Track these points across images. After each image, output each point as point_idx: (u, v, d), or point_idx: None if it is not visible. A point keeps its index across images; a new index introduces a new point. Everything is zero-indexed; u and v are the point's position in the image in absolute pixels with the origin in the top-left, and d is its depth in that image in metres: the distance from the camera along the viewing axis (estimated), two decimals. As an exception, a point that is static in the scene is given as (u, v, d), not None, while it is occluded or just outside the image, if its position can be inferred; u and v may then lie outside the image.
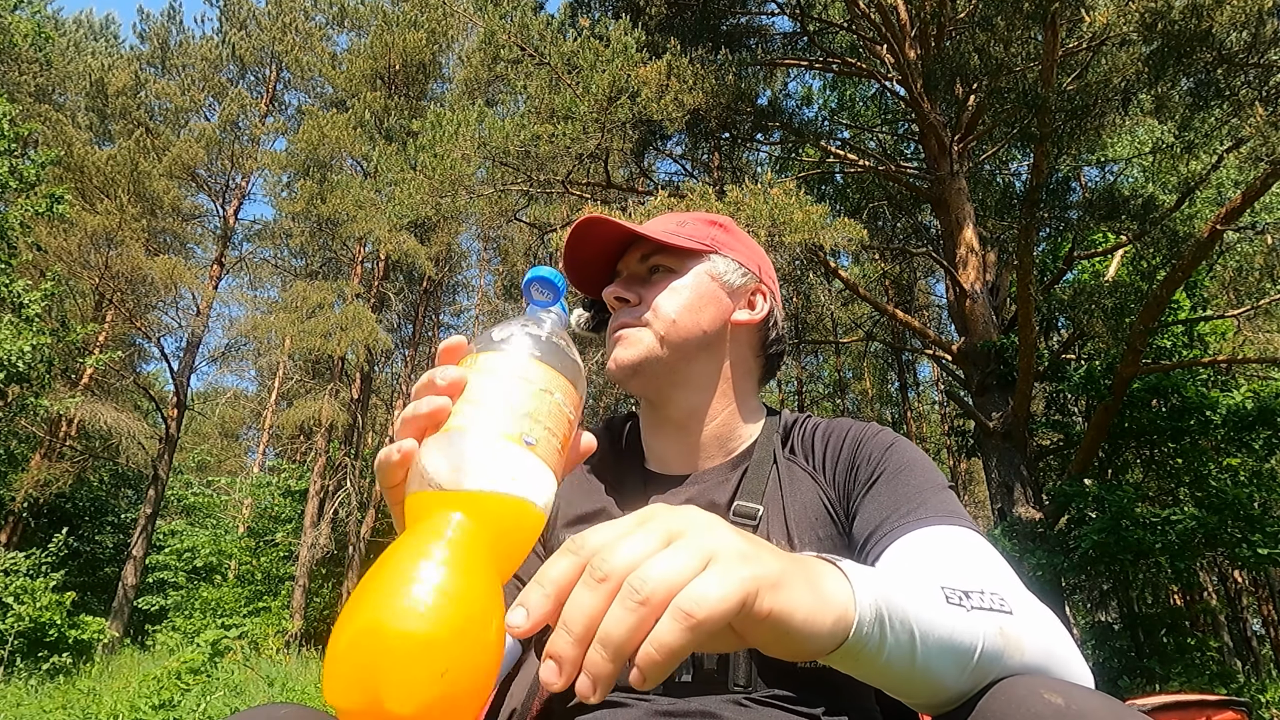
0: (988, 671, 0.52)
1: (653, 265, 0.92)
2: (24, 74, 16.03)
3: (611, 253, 0.95)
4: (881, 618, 0.47)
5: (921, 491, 0.76)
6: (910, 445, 0.85)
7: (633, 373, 0.88)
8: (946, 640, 0.50)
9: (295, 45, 18.20)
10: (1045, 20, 6.61)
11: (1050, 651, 0.56)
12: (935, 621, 0.50)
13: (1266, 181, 6.27)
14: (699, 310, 0.89)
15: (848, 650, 0.46)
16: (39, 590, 9.78)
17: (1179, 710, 0.79)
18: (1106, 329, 8.29)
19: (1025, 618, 0.56)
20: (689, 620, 0.36)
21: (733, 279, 0.93)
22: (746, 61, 8.80)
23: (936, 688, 0.51)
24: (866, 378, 22.62)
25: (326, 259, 19.52)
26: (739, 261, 0.94)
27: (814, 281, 14.98)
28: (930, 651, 0.49)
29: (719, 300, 0.91)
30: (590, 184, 8.36)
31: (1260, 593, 15.73)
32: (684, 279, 0.91)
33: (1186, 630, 9.38)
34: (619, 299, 0.91)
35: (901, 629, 0.48)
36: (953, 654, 0.50)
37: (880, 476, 0.80)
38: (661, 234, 0.91)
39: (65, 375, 15.40)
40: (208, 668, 6.47)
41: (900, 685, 0.51)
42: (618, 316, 0.92)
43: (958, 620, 0.51)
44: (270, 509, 19.88)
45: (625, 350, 0.88)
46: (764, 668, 0.76)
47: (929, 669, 0.50)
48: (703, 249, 0.92)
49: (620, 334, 0.90)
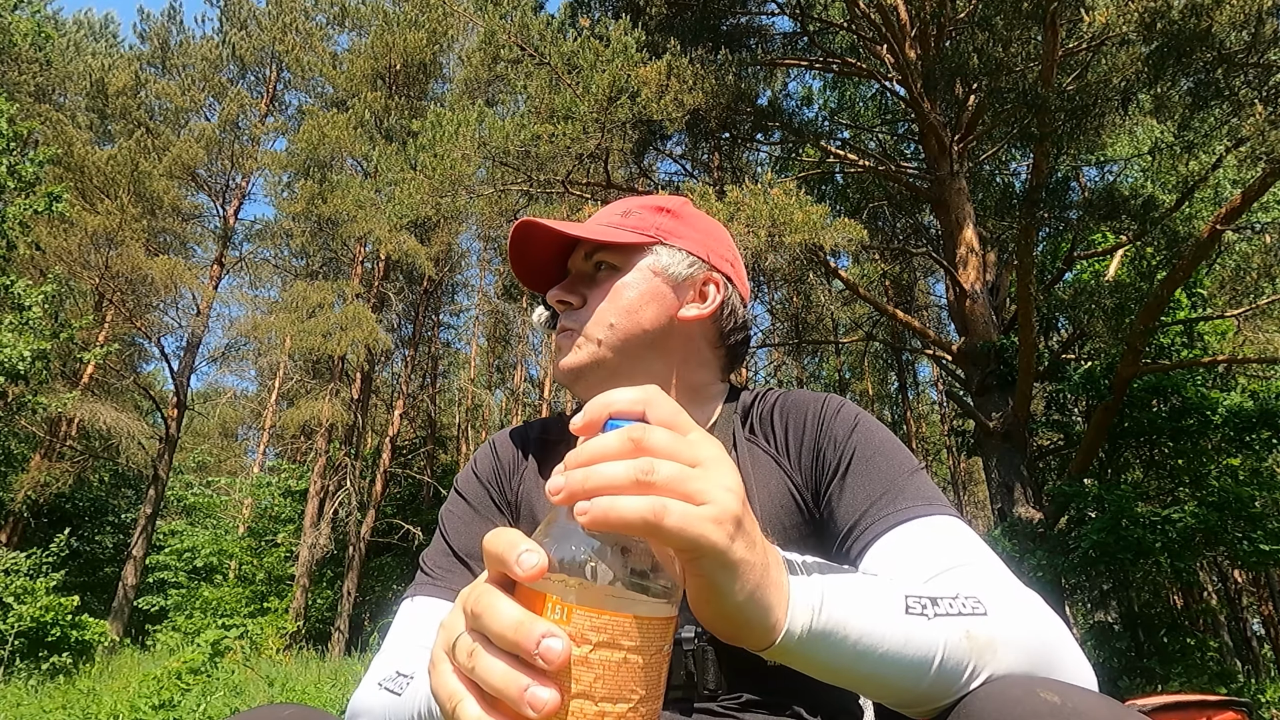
0: (955, 677, 0.52)
1: (598, 262, 0.89)
2: (24, 74, 16.02)
3: (561, 251, 0.92)
4: (816, 631, 0.49)
5: (896, 480, 0.75)
6: (874, 423, 0.83)
7: (575, 378, 0.87)
8: (898, 650, 0.51)
9: (295, 45, 18.19)
10: (1045, 20, 6.61)
11: (1039, 649, 0.56)
12: (885, 634, 0.51)
13: (1265, 181, 6.27)
14: (638, 310, 0.86)
15: (777, 651, 0.48)
16: (39, 590, 9.78)
17: (1179, 710, 0.79)
18: (1106, 329, 8.30)
19: (1003, 618, 0.56)
20: (652, 514, 0.40)
21: (678, 270, 0.88)
22: (746, 61, 8.81)
23: (895, 691, 0.53)
24: (866, 378, 22.63)
25: (326, 259, 19.52)
26: (687, 250, 0.89)
27: (814, 281, 14.98)
28: (876, 661, 0.51)
29: (662, 296, 0.87)
30: (590, 184, 8.36)
31: (1260, 593, 15.74)
32: (626, 277, 0.87)
33: (1186, 630, 9.38)
34: (560, 302, 0.89)
35: (841, 642, 0.50)
36: (904, 663, 0.51)
37: (851, 464, 0.78)
38: (597, 231, 0.87)
39: (65, 374, 15.41)
40: (208, 668, 6.47)
41: (852, 687, 0.53)
42: (561, 319, 0.90)
43: (915, 629, 0.52)
44: (270, 509, 19.89)
45: (566, 357, 0.87)
46: (733, 673, 0.76)
47: (879, 676, 0.51)
48: (645, 240, 0.88)
49: (560, 339, 0.88)
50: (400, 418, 18.06)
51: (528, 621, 0.38)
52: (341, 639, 14.88)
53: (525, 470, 0.92)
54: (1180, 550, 6.97)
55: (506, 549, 0.40)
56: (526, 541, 0.40)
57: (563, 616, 0.39)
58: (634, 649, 0.40)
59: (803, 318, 18.05)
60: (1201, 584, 13.36)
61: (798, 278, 13.87)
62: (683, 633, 0.75)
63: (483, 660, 0.39)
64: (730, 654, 0.76)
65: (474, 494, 0.91)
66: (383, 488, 17.28)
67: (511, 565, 0.39)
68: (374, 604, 18.18)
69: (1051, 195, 9.46)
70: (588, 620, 0.39)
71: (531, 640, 0.37)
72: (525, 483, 0.91)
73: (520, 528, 0.88)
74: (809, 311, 17.95)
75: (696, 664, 0.75)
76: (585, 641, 0.39)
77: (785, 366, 21.55)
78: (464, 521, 0.89)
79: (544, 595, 0.39)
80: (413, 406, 19.78)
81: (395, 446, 17.86)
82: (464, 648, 0.40)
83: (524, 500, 0.90)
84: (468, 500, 0.91)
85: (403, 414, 18.22)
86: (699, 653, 0.75)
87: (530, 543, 0.40)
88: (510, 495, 0.91)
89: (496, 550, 0.40)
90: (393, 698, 0.69)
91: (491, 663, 0.39)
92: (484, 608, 0.40)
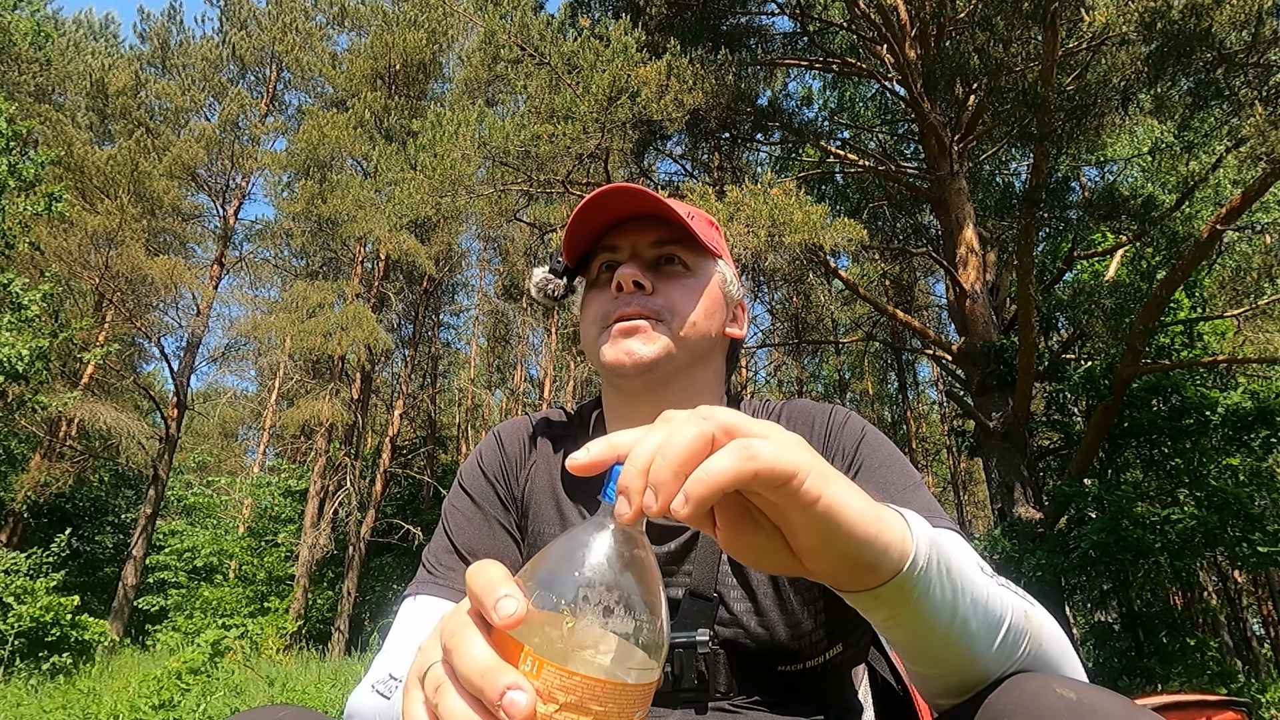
0: (1012, 650, 0.53)
1: (668, 254, 0.87)
2: (24, 73, 16.02)
3: (606, 225, 0.88)
4: (933, 559, 0.47)
5: (902, 492, 0.76)
6: (879, 435, 0.84)
7: (648, 369, 0.82)
8: (983, 601, 0.50)
9: (295, 45, 18.19)
10: (1045, 20, 6.61)
11: (1062, 651, 0.58)
12: (974, 580, 0.50)
13: (1266, 181, 6.27)
14: (712, 316, 0.87)
15: (901, 583, 0.45)
16: (39, 590, 9.78)
17: (1179, 710, 0.79)
18: (1106, 329, 8.30)
19: (1043, 612, 0.58)
20: (743, 453, 0.39)
21: (733, 290, 0.92)
22: (746, 61, 8.81)
23: (968, 654, 0.52)
24: (866, 378, 22.62)
25: (327, 259, 19.53)
26: (734, 273, 0.94)
27: (814, 281, 14.98)
28: (968, 610, 0.49)
29: (722, 310, 0.90)
30: (590, 184, 8.36)
31: (1260, 593, 15.74)
32: (698, 279, 0.87)
33: (1186, 630, 9.38)
34: (636, 283, 0.84)
35: (949, 578, 0.48)
36: (986, 618, 0.51)
37: (857, 475, 0.79)
38: (697, 226, 0.86)
39: (65, 374, 15.41)
40: (208, 668, 6.47)
41: (938, 641, 0.50)
42: (634, 303, 0.84)
43: (991, 587, 0.52)
44: (270, 509, 19.89)
45: (644, 346, 0.82)
46: (744, 676, 0.76)
47: (966, 628, 0.50)
48: (716, 252, 0.90)
49: (637, 324, 0.83)
50: (400, 418, 18.05)
51: (496, 669, 0.36)
52: (341, 639, 14.88)
53: (533, 465, 0.92)
54: (1180, 550, 6.97)
55: (485, 590, 0.38)
56: (508, 584, 0.38)
57: (533, 669, 0.37)
58: (602, 714, 0.37)
59: (803, 318, 18.05)
60: (1201, 584, 13.36)
61: (798, 278, 13.87)
62: (697, 636, 0.76)
63: (446, 699, 0.37)
64: (741, 658, 0.77)
65: (479, 490, 0.91)
66: (383, 488, 17.28)
67: (489, 610, 0.37)
68: (374, 604, 18.18)
69: (1051, 195, 9.45)
70: (558, 679, 0.37)
71: (496, 690, 0.35)
72: (532, 478, 0.91)
73: (524, 523, 0.89)
74: (809, 311, 17.95)
75: (709, 667, 0.76)
76: (552, 700, 0.36)
77: (785, 366, 21.54)
78: (467, 518, 0.89)
79: (519, 644, 0.37)
80: (413, 406, 19.78)
81: (395, 446, 17.86)
82: (432, 680, 0.39)
83: (529, 496, 0.90)
84: (472, 496, 0.91)
85: (403, 414, 18.22)
86: (711, 656, 0.76)
87: (511, 586, 0.38)
88: (516, 490, 0.91)
89: (476, 588, 0.39)
90: (382, 701, 0.69)
91: (455, 703, 0.37)
92: (456, 644, 0.38)
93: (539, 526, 0.88)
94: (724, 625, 0.78)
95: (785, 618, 0.77)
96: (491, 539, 0.87)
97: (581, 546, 0.40)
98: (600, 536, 0.41)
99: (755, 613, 0.78)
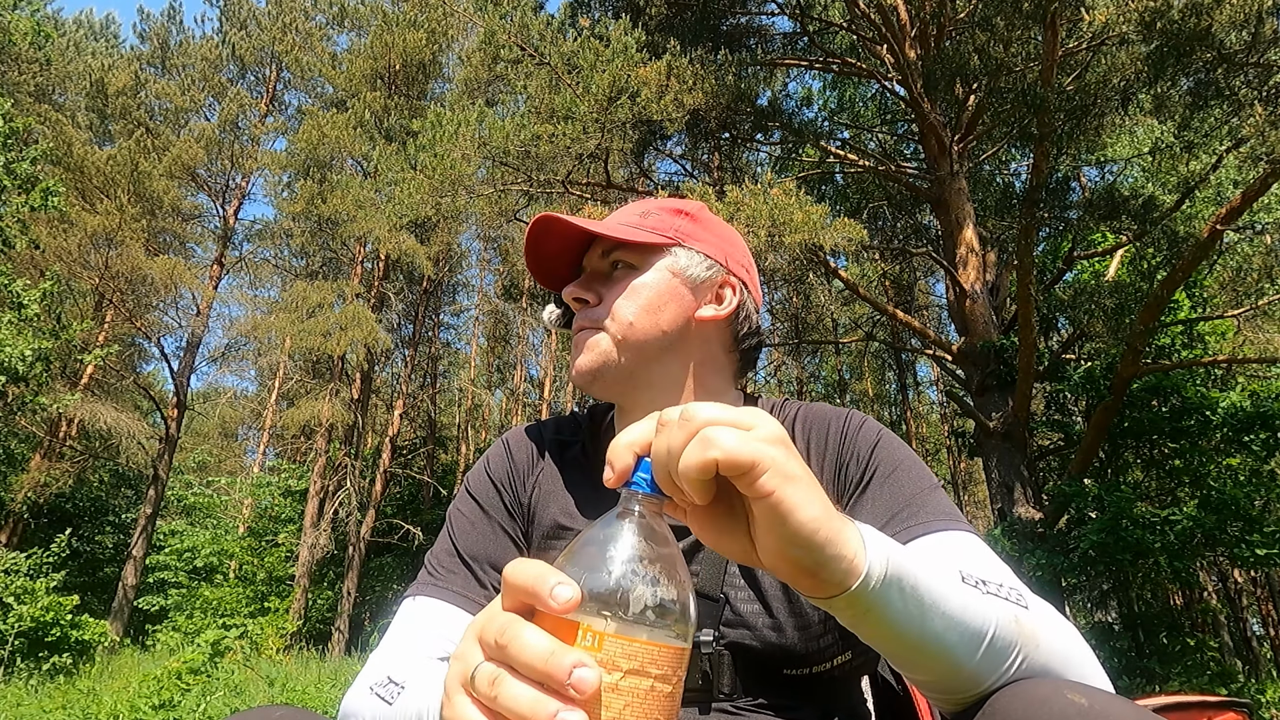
0: (1003, 658, 0.52)
1: (614, 261, 0.88)
2: (24, 73, 16.02)
3: (576, 248, 0.90)
4: (891, 576, 0.47)
5: (918, 495, 0.75)
6: (895, 439, 0.84)
7: (592, 379, 0.86)
8: (958, 615, 0.50)
9: (295, 45, 18.20)
10: (1045, 20, 6.61)
11: (1068, 653, 0.57)
12: (947, 595, 0.50)
13: (1266, 181, 6.27)
14: (658, 310, 0.85)
15: (851, 599, 0.47)
16: (39, 590, 9.78)
17: (1179, 710, 0.79)
18: (1106, 329, 8.30)
19: (1041, 615, 0.57)
20: (704, 445, 0.42)
21: (697, 273, 0.87)
22: (746, 61, 8.80)
23: (948, 663, 0.52)
24: (866, 378, 22.63)
25: (326, 259, 19.53)
26: (705, 253, 0.89)
27: (814, 281, 14.99)
28: (940, 623, 0.50)
29: (680, 297, 0.86)
30: (590, 184, 8.36)
31: (1260, 593, 15.74)
32: (644, 276, 0.86)
33: (1186, 630, 9.38)
34: (577, 299, 0.88)
35: (911, 594, 0.48)
36: (963, 630, 0.51)
37: (873, 478, 0.79)
38: (618, 229, 0.86)
39: (65, 374, 15.41)
40: (208, 668, 6.47)
41: (910, 653, 0.51)
42: (577, 318, 0.88)
43: (971, 599, 0.52)
44: (270, 509, 19.90)
45: (583, 356, 0.86)
46: (749, 678, 0.76)
47: (940, 640, 0.50)
48: (665, 242, 0.87)
49: (578, 337, 0.87)
50: (400, 418, 18.05)
51: (559, 651, 0.38)
52: (341, 639, 14.89)
53: (540, 473, 0.91)
54: (1180, 551, 6.97)
55: (536, 582, 0.40)
56: (556, 574, 0.40)
57: (594, 644, 0.40)
58: (660, 677, 0.41)
59: (803, 318, 18.06)
60: (1201, 584, 13.37)
61: (798, 278, 13.86)
62: (701, 636, 0.76)
63: (509, 689, 0.39)
64: (746, 660, 0.77)
65: (485, 495, 0.91)
66: (383, 488, 17.28)
67: (545, 599, 0.39)
68: (374, 604, 18.19)
69: (1051, 195, 9.44)
70: (619, 647, 0.40)
71: (564, 670, 0.38)
72: (540, 486, 0.90)
73: (530, 531, 0.89)
74: (809, 311, 17.96)
75: (713, 667, 0.76)
76: (616, 669, 0.40)
77: (785, 366, 21.54)
78: (472, 523, 0.88)
79: (575, 624, 0.40)
80: (413, 406, 19.78)
81: (395, 446, 17.86)
82: (485, 677, 0.40)
83: (536, 504, 0.90)
84: (478, 501, 0.90)
85: (403, 414, 18.22)
86: (716, 657, 0.76)
87: (560, 575, 0.40)
88: (523, 498, 0.90)
89: (523, 583, 0.41)
90: (383, 705, 0.68)
91: (519, 690, 0.38)
92: (510, 638, 0.40)
93: (545, 534, 0.88)
94: (729, 626, 0.77)
95: (796, 620, 0.77)
96: (495, 544, 0.87)
97: (616, 530, 0.45)
98: (629, 520, 0.45)
99: (764, 614, 0.77)
